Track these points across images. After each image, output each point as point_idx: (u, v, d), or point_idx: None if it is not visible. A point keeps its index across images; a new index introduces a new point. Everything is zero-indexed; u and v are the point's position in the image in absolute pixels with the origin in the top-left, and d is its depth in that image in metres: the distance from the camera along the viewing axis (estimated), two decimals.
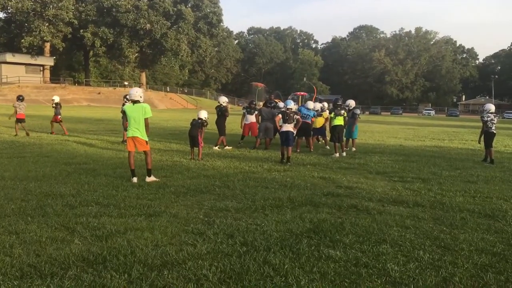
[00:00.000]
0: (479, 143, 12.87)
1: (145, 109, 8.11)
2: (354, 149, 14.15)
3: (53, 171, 8.94)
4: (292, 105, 11.04)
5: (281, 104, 14.73)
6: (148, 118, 8.18)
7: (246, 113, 14.88)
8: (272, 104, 14.94)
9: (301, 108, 11.23)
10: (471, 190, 7.99)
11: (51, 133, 17.39)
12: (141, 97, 8.25)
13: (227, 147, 13.72)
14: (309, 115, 13.73)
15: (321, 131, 14.73)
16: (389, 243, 4.88)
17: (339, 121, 12.90)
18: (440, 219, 5.90)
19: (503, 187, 8.41)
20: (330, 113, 13.58)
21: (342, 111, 13.10)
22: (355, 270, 4.10)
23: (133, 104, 8.15)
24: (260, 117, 14.20)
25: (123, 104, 14.51)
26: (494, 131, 12.13)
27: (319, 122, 14.35)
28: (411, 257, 4.46)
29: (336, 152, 12.75)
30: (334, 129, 12.87)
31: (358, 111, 14.48)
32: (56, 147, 13.22)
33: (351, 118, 14.06)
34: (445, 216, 6.07)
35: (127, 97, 14.63)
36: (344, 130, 13.33)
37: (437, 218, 5.95)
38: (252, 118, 14.74)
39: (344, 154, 12.82)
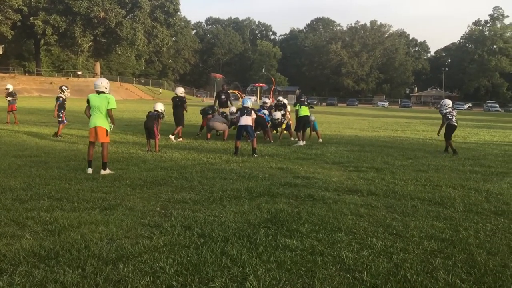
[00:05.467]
0: (438, 135, 13.33)
1: (109, 100, 8.00)
2: (320, 140, 14.37)
3: (1, 164, 8.56)
4: (249, 104, 11.28)
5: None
6: (111, 109, 8.07)
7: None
8: (223, 98, 15.30)
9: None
10: (422, 178, 8.29)
11: (7, 123, 17.15)
12: (106, 88, 8.12)
13: (180, 139, 13.51)
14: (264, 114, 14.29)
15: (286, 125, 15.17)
16: (343, 231, 5.00)
17: (305, 111, 13.33)
18: (392, 207, 6.10)
19: (452, 176, 8.76)
20: (295, 105, 13.88)
21: (306, 102, 13.73)
22: (311, 258, 4.18)
23: (98, 94, 8.03)
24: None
25: (58, 96, 14.09)
26: (455, 124, 12.60)
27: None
28: (364, 245, 4.58)
29: (301, 140, 13.10)
30: (300, 119, 13.23)
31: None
32: (4, 139, 12.66)
33: None
34: (397, 204, 6.28)
35: (63, 87, 14.28)
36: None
37: (389, 206, 6.15)
38: None
39: (304, 142, 13.26)
